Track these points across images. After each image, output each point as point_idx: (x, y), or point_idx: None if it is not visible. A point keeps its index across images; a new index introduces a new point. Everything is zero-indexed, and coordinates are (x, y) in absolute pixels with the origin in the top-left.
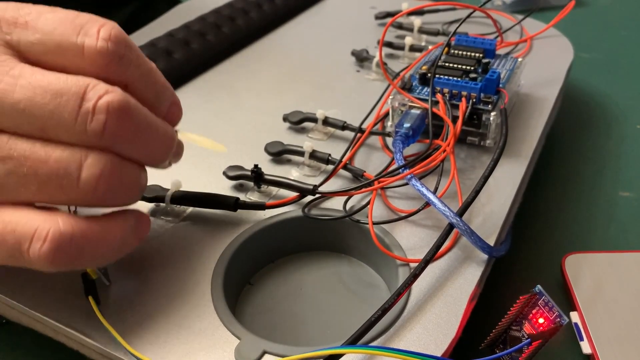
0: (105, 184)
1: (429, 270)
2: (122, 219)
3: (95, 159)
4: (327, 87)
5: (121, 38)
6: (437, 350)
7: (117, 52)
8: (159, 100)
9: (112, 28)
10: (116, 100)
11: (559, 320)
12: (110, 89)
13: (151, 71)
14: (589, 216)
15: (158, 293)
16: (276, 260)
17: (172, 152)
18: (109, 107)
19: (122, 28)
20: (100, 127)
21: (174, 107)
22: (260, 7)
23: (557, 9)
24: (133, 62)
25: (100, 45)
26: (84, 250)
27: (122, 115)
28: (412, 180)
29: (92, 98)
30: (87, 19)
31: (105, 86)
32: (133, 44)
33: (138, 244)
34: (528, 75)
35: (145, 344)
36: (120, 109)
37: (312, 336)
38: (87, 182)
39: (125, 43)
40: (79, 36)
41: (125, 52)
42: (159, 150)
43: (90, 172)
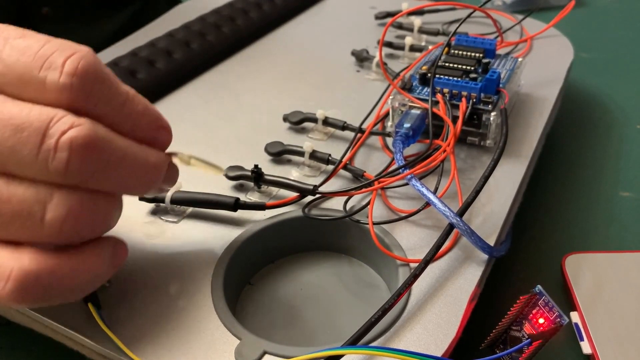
0: (71, 224)
1: (429, 271)
2: (97, 251)
3: (61, 198)
4: (327, 87)
5: (89, 71)
6: (437, 350)
7: (82, 88)
8: (137, 129)
9: (81, 59)
10: (81, 136)
11: (559, 321)
12: (76, 122)
13: (126, 102)
14: (589, 216)
15: (158, 293)
16: (276, 260)
17: (159, 180)
18: (72, 144)
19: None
20: (62, 166)
21: (160, 132)
22: (260, 7)
23: (557, 9)
24: (103, 97)
25: (62, 82)
26: (51, 288)
27: (87, 152)
28: (412, 180)
29: (54, 134)
30: (55, 49)
31: (70, 119)
32: (105, 74)
33: (114, 272)
34: (528, 75)
35: (145, 344)
36: (85, 146)
37: (312, 336)
38: (52, 224)
39: (94, 76)
40: (41, 70)
41: (94, 87)
42: (138, 182)
43: (55, 213)
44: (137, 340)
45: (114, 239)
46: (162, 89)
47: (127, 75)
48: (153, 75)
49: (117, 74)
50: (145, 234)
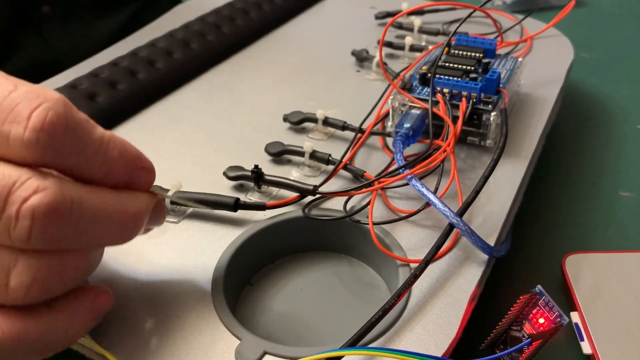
0: (38, 290)
1: (429, 271)
2: (72, 308)
3: (26, 265)
4: (327, 87)
5: (57, 125)
6: (437, 350)
7: (49, 143)
8: (112, 176)
9: (49, 111)
10: (44, 203)
11: (559, 320)
12: (41, 187)
13: (99, 150)
14: (589, 216)
15: (158, 293)
16: (276, 261)
17: (139, 229)
18: (35, 212)
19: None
20: (24, 234)
21: (139, 174)
22: (260, 7)
23: (557, 9)
24: (74, 149)
25: (27, 138)
26: (16, 353)
27: (51, 218)
28: (412, 180)
29: (16, 201)
30: (22, 98)
31: (34, 183)
32: (76, 124)
33: (94, 324)
34: (528, 75)
35: (145, 344)
36: (49, 213)
37: (312, 336)
38: (16, 291)
39: (64, 128)
40: (5, 123)
41: (63, 140)
42: (116, 235)
43: (19, 280)
44: (137, 340)
45: (95, 290)
46: (162, 89)
47: (127, 75)
48: (153, 75)
49: (118, 74)
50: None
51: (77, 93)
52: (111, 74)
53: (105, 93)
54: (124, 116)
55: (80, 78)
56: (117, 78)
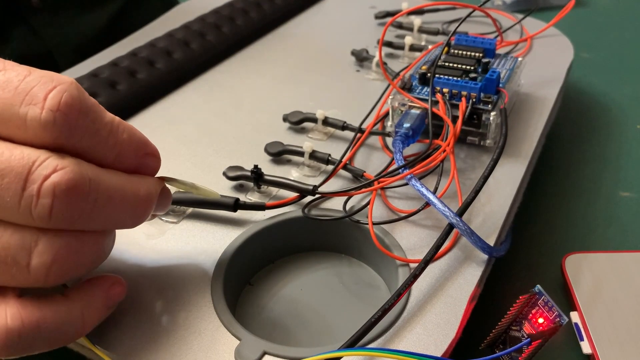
0: (58, 269)
1: (429, 271)
2: (87, 297)
3: (47, 244)
4: (327, 87)
5: (73, 105)
6: (437, 350)
7: (65, 123)
8: (123, 159)
9: (64, 93)
10: (65, 180)
11: (559, 320)
12: (60, 165)
13: (111, 133)
14: (589, 216)
15: (158, 293)
16: (276, 261)
17: (150, 211)
18: (56, 189)
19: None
20: (46, 212)
21: (148, 159)
22: (260, 7)
23: (557, 8)
24: (88, 130)
25: (45, 118)
26: (35, 341)
27: (71, 196)
28: (412, 180)
29: (37, 180)
30: (36, 82)
31: (54, 162)
32: (89, 106)
33: (109, 313)
34: (528, 75)
35: (145, 344)
36: (70, 190)
37: (312, 337)
38: (38, 271)
39: (78, 110)
40: (22, 105)
41: (78, 122)
42: (128, 216)
43: (41, 260)
44: (137, 340)
45: (110, 280)
46: (162, 89)
47: (127, 75)
48: (153, 75)
49: (118, 74)
50: (145, 234)
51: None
52: (111, 74)
53: (105, 93)
54: (124, 116)
55: (80, 78)
56: (117, 78)
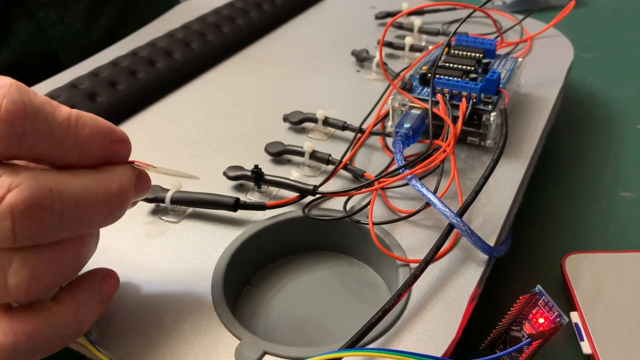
0: (39, 283)
1: (429, 271)
2: (77, 297)
3: (21, 263)
4: (327, 87)
5: (15, 110)
6: (437, 350)
7: (11, 132)
8: (88, 155)
9: (3, 99)
10: (22, 199)
11: (559, 320)
12: (14, 184)
13: (68, 132)
14: (589, 216)
15: (158, 293)
16: (276, 261)
17: (127, 203)
18: (14, 210)
19: None
20: (9, 234)
21: (116, 147)
22: (260, 7)
23: (557, 9)
24: (40, 134)
25: None
26: (32, 352)
27: (32, 213)
28: (412, 180)
29: None
30: None
31: (6, 180)
32: (36, 108)
33: (105, 307)
34: (528, 75)
35: (145, 344)
36: (29, 208)
37: (312, 336)
38: (17, 289)
39: (22, 115)
40: None
41: (25, 127)
42: (103, 216)
43: (18, 279)
44: (137, 340)
45: (101, 274)
46: (162, 89)
47: (128, 75)
48: (153, 75)
49: (118, 73)
50: (145, 234)
51: (77, 92)
52: (111, 73)
53: (106, 93)
54: (124, 116)
55: (81, 77)
56: (117, 78)
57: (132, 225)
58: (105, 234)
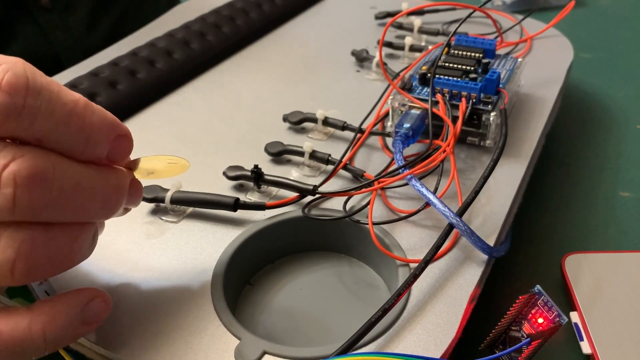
0: (25, 266)
1: (429, 271)
2: (53, 311)
3: (8, 239)
4: (327, 87)
5: (17, 84)
6: (437, 350)
7: (11, 104)
8: (91, 145)
9: (6, 72)
10: (24, 167)
11: (558, 320)
12: (18, 154)
13: (73, 114)
14: (589, 216)
15: (158, 293)
16: (276, 261)
17: (122, 202)
18: (17, 177)
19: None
20: (8, 203)
21: (120, 142)
22: (260, 7)
23: (557, 9)
24: (42, 110)
25: None
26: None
27: (35, 184)
28: (412, 180)
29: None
30: None
31: (11, 151)
32: (40, 84)
33: (91, 330)
34: (528, 75)
35: (145, 344)
36: (32, 178)
37: (312, 336)
38: (1, 269)
39: (25, 88)
40: None
41: (27, 102)
42: (99, 207)
43: (3, 256)
44: (137, 340)
45: (89, 294)
46: (162, 89)
47: (127, 75)
48: (153, 75)
49: (118, 73)
50: (145, 234)
51: (77, 92)
52: (111, 73)
53: (106, 92)
54: (124, 116)
55: (81, 77)
56: (117, 78)
57: (132, 225)
58: (105, 233)
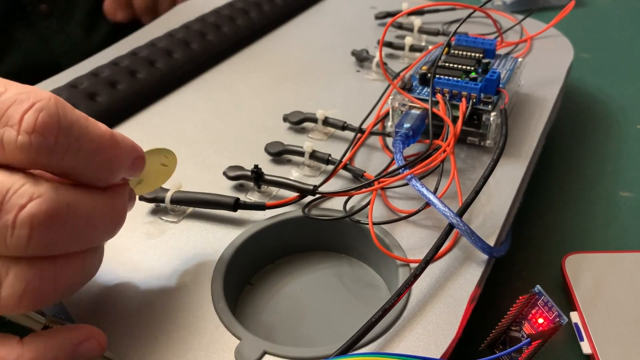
0: (31, 298)
1: (429, 271)
2: (44, 349)
3: (18, 274)
4: (327, 87)
5: (51, 124)
6: (437, 350)
7: (43, 144)
8: (113, 175)
9: (41, 111)
10: (42, 210)
11: (559, 320)
12: (36, 194)
13: (99, 148)
14: (589, 216)
15: (158, 293)
16: (276, 261)
17: (124, 221)
18: (34, 220)
19: None
20: (22, 243)
21: (136, 164)
22: (260, 7)
23: (557, 9)
24: (71, 148)
25: (21, 141)
26: None
27: (50, 225)
28: (412, 180)
29: (12, 209)
30: (13, 100)
31: (29, 190)
32: (70, 123)
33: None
34: (528, 75)
35: (145, 344)
36: (48, 220)
37: (312, 336)
38: (8, 301)
39: (56, 129)
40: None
41: (58, 140)
42: (105, 233)
43: (11, 290)
44: (137, 340)
45: (84, 332)
46: (162, 89)
47: (127, 75)
48: (153, 75)
49: (118, 73)
50: (145, 234)
51: (77, 92)
52: (111, 73)
53: (105, 93)
54: (124, 116)
55: (80, 77)
56: (117, 78)
57: (132, 225)
58: None
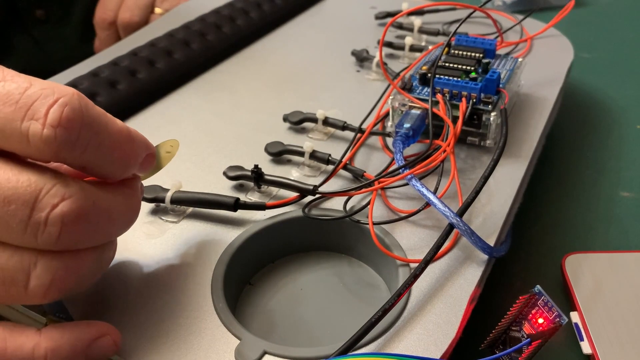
0: (57, 289)
1: (429, 271)
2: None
3: (45, 266)
4: (327, 87)
5: (75, 119)
6: (437, 350)
7: (67, 138)
8: (128, 170)
9: (65, 106)
10: (73, 209)
11: (559, 320)
12: (67, 194)
13: (117, 144)
14: (589, 216)
15: (158, 293)
16: (276, 261)
17: (137, 216)
18: (65, 218)
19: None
20: (53, 239)
21: (148, 160)
22: (260, 7)
23: (557, 9)
24: (91, 143)
25: (46, 135)
26: None
27: (78, 223)
28: (412, 180)
29: (45, 208)
30: (38, 95)
31: (60, 191)
32: (93, 118)
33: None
34: (528, 75)
35: (145, 344)
36: (77, 218)
37: (312, 336)
38: (36, 291)
39: (80, 123)
40: (23, 121)
41: (80, 135)
42: (122, 228)
43: (39, 281)
44: (137, 340)
45: (101, 329)
46: (162, 89)
47: (128, 75)
48: (153, 75)
49: (118, 73)
50: (145, 234)
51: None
52: (111, 73)
53: (105, 93)
54: (124, 116)
55: (80, 78)
56: (117, 78)
57: (132, 225)
58: None
